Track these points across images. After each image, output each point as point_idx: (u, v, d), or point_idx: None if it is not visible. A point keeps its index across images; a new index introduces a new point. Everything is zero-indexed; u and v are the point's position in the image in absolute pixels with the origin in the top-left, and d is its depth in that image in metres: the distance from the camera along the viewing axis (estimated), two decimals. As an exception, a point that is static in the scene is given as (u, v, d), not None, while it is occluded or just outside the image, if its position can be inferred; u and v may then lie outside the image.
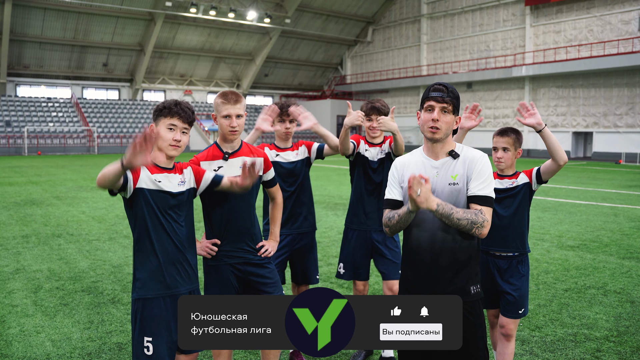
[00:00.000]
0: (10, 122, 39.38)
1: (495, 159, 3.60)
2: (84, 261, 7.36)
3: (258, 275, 3.39)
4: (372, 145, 4.25)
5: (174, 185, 2.96)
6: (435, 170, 2.66)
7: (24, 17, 39.46)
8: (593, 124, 37.30)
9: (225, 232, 3.36)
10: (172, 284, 2.93)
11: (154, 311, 2.88)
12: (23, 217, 10.89)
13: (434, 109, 2.62)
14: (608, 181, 19.94)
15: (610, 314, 5.28)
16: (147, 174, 2.88)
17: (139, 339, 2.89)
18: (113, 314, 5.28)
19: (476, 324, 2.62)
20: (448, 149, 2.69)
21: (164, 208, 2.90)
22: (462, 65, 44.85)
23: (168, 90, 50.16)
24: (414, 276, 2.68)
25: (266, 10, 45.65)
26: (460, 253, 2.62)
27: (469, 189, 2.60)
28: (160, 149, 2.94)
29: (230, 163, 3.37)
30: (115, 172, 2.59)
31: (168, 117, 2.89)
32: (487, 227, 2.53)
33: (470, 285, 2.64)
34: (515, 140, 3.55)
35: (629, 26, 34.97)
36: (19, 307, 5.45)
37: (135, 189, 2.84)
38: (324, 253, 7.77)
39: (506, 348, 3.61)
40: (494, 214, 3.47)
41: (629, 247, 8.34)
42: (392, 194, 2.77)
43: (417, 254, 2.66)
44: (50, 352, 4.35)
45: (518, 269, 3.57)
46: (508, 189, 3.58)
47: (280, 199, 3.66)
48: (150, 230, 2.89)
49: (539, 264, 7.28)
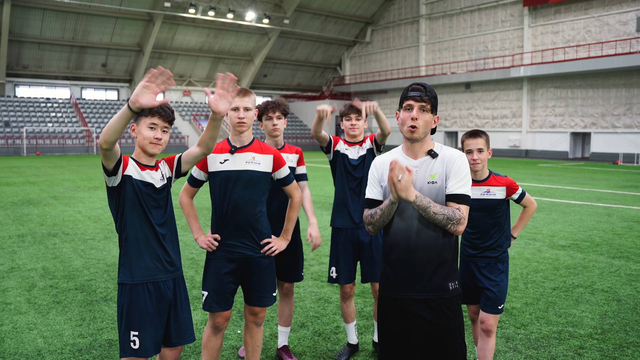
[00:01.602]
0: (9, 123, 39.45)
1: (471, 161, 3.60)
2: (79, 260, 7.42)
3: (253, 274, 3.48)
4: (352, 144, 4.35)
5: (157, 181, 3.03)
6: (414, 169, 2.70)
7: (23, 18, 39.54)
8: (591, 124, 37.38)
9: (227, 225, 3.42)
10: (155, 271, 3.00)
11: (140, 306, 2.95)
12: (20, 216, 10.96)
13: (412, 108, 2.67)
14: (604, 181, 20.01)
15: (595, 312, 5.35)
16: (133, 164, 2.96)
17: (125, 333, 2.95)
18: (105, 311, 5.35)
19: (454, 320, 2.68)
20: (427, 148, 2.74)
21: (148, 198, 2.98)
22: (460, 66, 44.93)
23: (167, 91, 50.16)
24: (392, 273, 2.74)
25: (265, 10, 45.74)
26: (438, 250, 2.67)
27: (447, 188, 2.65)
28: (142, 147, 3.00)
29: (236, 156, 3.43)
30: (121, 116, 2.64)
31: (149, 117, 2.94)
32: (463, 224, 2.59)
33: (449, 281, 2.70)
34: (487, 141, 3.63)
35: (626, 27, 35.06)
36: (12, 305, 5.51)
37: (123, 176, 2.91)
38: (316, 252, 7.83)
39: (487, 344, 3.67)
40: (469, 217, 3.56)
41: (619, 247, 8.41)
42: (372, 193, 2.82)
43: (396, 249, 2.71)
44: (41, 349, 4.42)
45: (497, 266, 3.65)
46: (483, 199, 3.65)
47: (297, 198, 3.65)
48: (134, 218, 2.96)
49: (530, 263, 7.35)
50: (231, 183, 3.41)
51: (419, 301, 2.66)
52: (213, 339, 3.57)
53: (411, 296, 2.68)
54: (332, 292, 6.02)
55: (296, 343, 4.61)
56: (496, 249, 3.67)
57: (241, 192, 3.40)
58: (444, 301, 2.67)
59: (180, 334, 3.13)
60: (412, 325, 2.68)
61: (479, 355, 3.75)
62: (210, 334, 3.57)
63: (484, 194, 3.65)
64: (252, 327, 3.63)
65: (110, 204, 3.02)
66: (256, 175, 3.45)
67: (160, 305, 3.01)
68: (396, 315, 2.72)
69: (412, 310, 2.67)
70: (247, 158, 3.43)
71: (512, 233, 3.93)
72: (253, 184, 3.44)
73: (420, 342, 2.67)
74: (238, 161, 3.42)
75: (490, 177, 3.69)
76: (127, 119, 2.67)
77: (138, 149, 3.03)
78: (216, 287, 3.44)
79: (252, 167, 3.44)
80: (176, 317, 3.11)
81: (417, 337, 2.67)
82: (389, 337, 2.76)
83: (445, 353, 2.66)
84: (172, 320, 3.09)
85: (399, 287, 2.71)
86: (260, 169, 3.46)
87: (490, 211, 3.65)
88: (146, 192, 2.97)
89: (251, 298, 3.55)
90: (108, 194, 3.00)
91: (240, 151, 3.45)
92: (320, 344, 4.63)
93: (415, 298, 2.67)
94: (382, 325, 2.79)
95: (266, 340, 4.71)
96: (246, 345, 3.68)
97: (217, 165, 3.43)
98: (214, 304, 3.45)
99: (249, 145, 3.48)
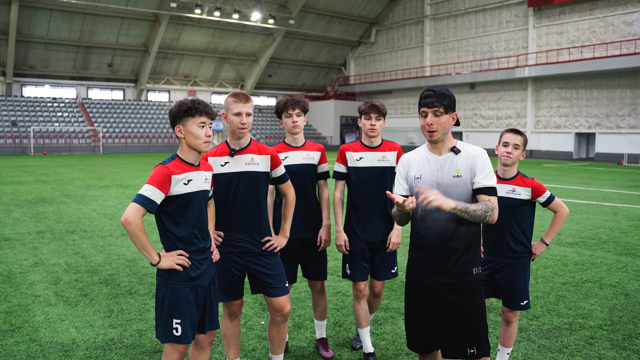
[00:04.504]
0: (16, 122, 39.76)
1: (504, 153, 3.72)
2: (99, 255, 7.63)
3: (259, 265, 3.64)
4: (370, 149, 4.18)
5: (202, 183, 3.21)
6: (438, 165, 2.93)
7: (30, 18, 39.86)
8: (596, 124, 37.48)
9: (229, 221, 3.61)
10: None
11: (182, 295, 3.14)
12: (36, 214, 11.18)
13: (427, 114, 2.88)
14: (609, 181, 20.16)
15: (604, 305, 5.54)
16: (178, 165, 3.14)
17: (167, 321, 3.14)
18: (131, 303, 5.55)
19: (477, 302, 2.89)
20: (449, 145, 2.95)
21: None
22: (465, 67, 45.07)
23: (172, 91, 50.52)
24: (421, 260, 2.95)
25: (270, 11, 45.96)
26: (465, 238, 2.89)
27: (475, 182, 2.87)
28: (194, 148, 3.15)
29: (236, 159, 3.59)
30: (143, 251, 3.01)
31: (197, 116, 3.10)
32: (496, 213, 2.83)
33: (473, 267, 2.92)
34: (525, 142, 3.77)
35: (631, 27, 35.15)
36: (41, 297, 5.73)
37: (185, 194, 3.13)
38: (330, 248, 8.03)
39: (506, 331, 3.90)
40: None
41: (626, 244, 8.58)
42: (399, 190, 3.07)
43: (426, 238, 2.93)
44: (75, 338, 4.63)
45: (518, 265, 3.82)
46: (507, 198, 3.74)
47: (292, 196, 3.82)
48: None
49: (539, 260, 7.53)
50: (233, 184, 3.58)
51: (445, 285, 2.88)
52: (231, 327, 3.77)
53: (437, 280, 2.89)
54: (349, 286, 6.22)
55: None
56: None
57: (243, 191, 3.58)
58: (468, 285, 2.89)
59: (213, 320, 3.33)
60: (437, 307, 2.90)
61: (500, 340, 3.96)
62: (227, 323, 3.76)
63: (509, 192, 3.74)
64: (278, 323, 3.76)
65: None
66: (257, 175, 3.62)
67: (198, 293, 3.21)
68: (423, 299, 2.94)
69: (438, 293, 2.89)
70: (246, 159, 3.59)
71: (545, 239, 3.94)
72: (254, 183, 3.61)
73: (445, 323, 2.88)
74: (238, 163, 3.58)
75: (518, 176, 3.78)
76: (145, 254, 3.04)
77: (186, 149, 3.16)
78: (223, 279, 3.62)
79: (252, 168, 3.61)
80: (211, 304, 3.30)
81: (442, 318, 2.89)
82: (416, 319, 2.97)
83: (467, 333, 2.87)
84: (207, 307, 3.29)
85: (427, 273, 2.92)
86: (259, 169, 3.63)
87: (513, 210, 3.75)
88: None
89: (263, 288, 3.69)
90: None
91: (240, 153, 3.60)
92: (341, 333, 4.83)
93: (441, 282, 2.89)
94: (409, 308, 3.01)
95: (290, 330, 4.90)
96: (272, 339, 3.82)
97: (218, 168, 3.57)
98: (221, 294, 3.64)
99: (247, 147, 3.63)
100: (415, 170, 2.98)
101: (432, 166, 2.93)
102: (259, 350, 4.44)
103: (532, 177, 3.87)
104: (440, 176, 2.90)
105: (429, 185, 2.88)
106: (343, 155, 4.23)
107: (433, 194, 2.66)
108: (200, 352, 3.44)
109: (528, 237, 3.85)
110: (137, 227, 2.93)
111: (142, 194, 2.98)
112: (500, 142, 3.79)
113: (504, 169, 3.80)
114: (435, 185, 2.88)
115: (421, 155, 3.01)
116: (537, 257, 7.58)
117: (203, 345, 3.41)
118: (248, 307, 5.50)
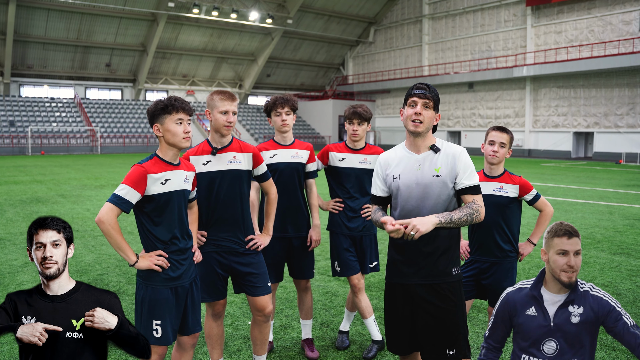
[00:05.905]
0: (14, 122, 39.70)
1: (491, 152, 3.70)
2: (90, 255, 7.59)
3: (243, 264, 3.60)
4: (353, 151, 4.27)
5: (181, 182, 3.16)
6: (417, 164, 2.86)
7: (28, 18, 39.78)
8: (594, 124, 37.45)
9: (211, 221, 3.56)
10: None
11: (162, 296, 3.09)
12: (29, 214, 11.14)
13: (417, 104, 2.83)
14: (607, 180, 20.12)
15: (596, 305, 5.49)
16: (156, 164, 3.09)
17: (147, 323, 3.09)
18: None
19: (457, 303, 2.85)
20: (429, 143, 2.90)
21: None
22: (463, 66, 45.03)
23: (170, 91, 50.44)
24: (401, 261, 2.90)
25: (268, 10, 45.90)
26: (444, 239, 2.84)
27: (457, 183, 2.81)
28: (174, 145, 3.11)
29: (218, 157, 3.54)
30: (119, 251, 2.99)
31: (174, 113, 3.06)
32: (482, 212, 2.78)
33: (452, 267, 2.87)
34: (511, 139, 3.73)
35: (629, 26, 35.12)
36: (28, 298, 5.67)
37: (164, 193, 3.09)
38: (322, 248, 7.98)
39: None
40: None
41: (620, 244, 8.55)
42: (376, 190, 3.01)
43: (404, 240, 2.87)
44: (59, 339, 4.58)
45: (505, 265, 3.78)
46: (495, 195, 3.70)
47: (274, 194, 3.79)
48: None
49: (532, 259, 7.49)
50: (216, 183, 3.53)
51: (425, 286, 2.83)
52: (214, 327, 3.73)
53: (418, 281, 2.84)
54: (339, 286, 6.17)
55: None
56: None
57: (226, 190, 3.53)
58: (448, 285, 2.84)
59: (196, 322, 3.29)
60: (418, 308, 2.85)
61: None
62: (211, 323, 3.72)
63: (497, 190, 3.71)
64: (260, 323, 3.72)
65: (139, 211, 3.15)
66: (239, 173, 3.57)
67: (177, 294, 3.16)
68: (403, 299, 2.89)
69: (418, 294, 2.84)
70: (228, 158, 3.55)
71: (532, 239, 3.94)
72: (237, 182, 3.56)
73: (426, 324, 2.84)
74: (220, 161, 3.54)
75: (505, 174, 3.75)
76: (121, 254, 3.02)
77: (165, 147, 3.12)
78: (206, 279, 3.58)
79: (234, 167, 3.56)
80: (193, 305, 3.26)
81: (423, 319, 2.84)
82: (396, 320, 2.92)
83: (447, 334, 2.83)
84: (189, 308, 3.24)
85: (407, 274, 2.87)
86: (241, 167, 3.58)
87: (500, 208, 3.72)
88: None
89: (245, 287, 3.65)
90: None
91: (222, 152, 3.55)
92: (328, 334, 4.78)
93: (421, 283, 2.84)
94: (390, 309, 2.96)
95: (276, 331, 4.85)
96: (254, 339, 3.78)
97: (200, 166, 3.52)
98: (205, 294, 3.59)
99: (229, 145, 3.58)
100: (393, 169, 2.93)
101: (411, 165, 2.88)
102: (244, 351, 4.39)
103: (519, 175, 3.84)
104: (419, 175, 2.85)
105: (407, 185, 2.83)
106: (326, 154, 4.35)
107: (410, 227, 2.59)
108: (183, 354, 3.40)
109: (515, 236, 3.82)
110: (110, 226, 2.89)
111: (117, 193, 2.95)
112: (486, 140, 3.75)
113: (491, 167, 3.77)
114: (414, 185, 2.83)
115: (399, 154, 2.96)
116: (528, 257, 7.56)
117: (186, 347, 3.37)
118: (235, 307, 5.46)
